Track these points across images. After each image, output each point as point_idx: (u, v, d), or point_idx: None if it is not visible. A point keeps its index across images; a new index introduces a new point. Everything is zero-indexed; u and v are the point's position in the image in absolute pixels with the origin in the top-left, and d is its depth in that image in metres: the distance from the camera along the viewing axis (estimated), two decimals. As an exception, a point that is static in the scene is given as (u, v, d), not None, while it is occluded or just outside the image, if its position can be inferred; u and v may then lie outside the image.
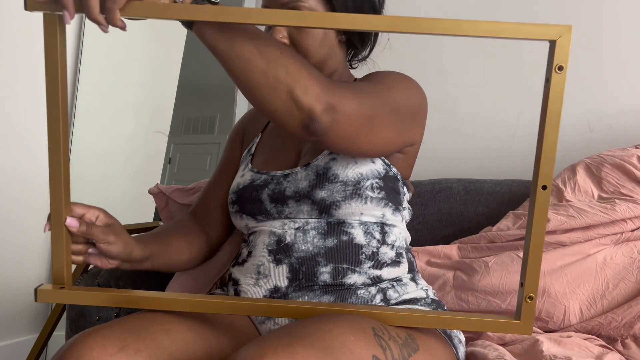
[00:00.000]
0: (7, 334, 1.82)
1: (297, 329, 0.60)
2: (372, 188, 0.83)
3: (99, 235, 0.73)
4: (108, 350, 0.63)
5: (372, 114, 0.72)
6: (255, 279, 0.84)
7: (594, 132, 1.49)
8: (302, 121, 0.67)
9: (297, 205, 0.84)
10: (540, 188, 0.63)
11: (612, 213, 1.08)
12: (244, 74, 0.66)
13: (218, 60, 0.67)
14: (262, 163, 0.94)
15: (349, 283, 0.81)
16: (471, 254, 1.20)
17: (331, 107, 0.66)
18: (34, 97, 1.78)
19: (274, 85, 0.65)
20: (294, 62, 0.66)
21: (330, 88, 0.67)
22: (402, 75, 0.86)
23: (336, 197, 0.82)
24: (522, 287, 0.66)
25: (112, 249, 0.75)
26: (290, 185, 0.86)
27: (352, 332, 0.61)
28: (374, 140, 0.75)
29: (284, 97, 0.65)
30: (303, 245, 0.82)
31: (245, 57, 0.65)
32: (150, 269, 0.86)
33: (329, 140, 0.70)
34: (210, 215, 1.00)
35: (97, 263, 0.76)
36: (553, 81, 0.60)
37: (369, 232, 0.84)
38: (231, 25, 0.65)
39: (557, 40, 0.59)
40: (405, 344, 0.66)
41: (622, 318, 1.01)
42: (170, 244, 0.90)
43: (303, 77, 0.66)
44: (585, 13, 1.52)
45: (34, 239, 1.86)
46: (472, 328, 0.70)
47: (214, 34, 0.65)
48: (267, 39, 0.67)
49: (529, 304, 0.66)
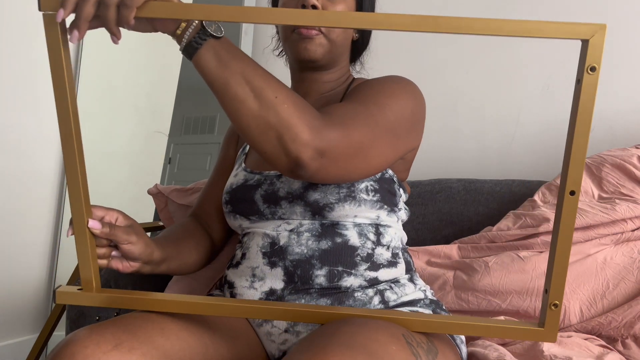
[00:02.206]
0: (7, 334, 1.82)
1: (346, 337, 0.59)
2: (366, 191, 0.82)
3: (122, 236, 0.72)
4: (102, 348, 0.63)
5: (363, 143, 0.72)
6: (251, 282, 0.84)
7: (594, 132, 1.49)
8: (289, 166, 0.68)
9: (290, 206, 0.84)
10: (568, 194, 0.60)
11: (613, 213, 1.08)
12: (236, 115, 0.66)
13: (214, 95, 0.68)
14: (255, 163, 0.94)
15: (345, 286, 0.80)
16: (471, 254, 1.19)
17: (319, 152, 0.67)
18: (32, 97, 1.78)
19: (264, 129, 0.66)
20: (287, 107, 0.66)
21: (320, 132, 0.67)
22: (399, 83, 0.84)
23: (330, 199, 0.81)
24: (546, 293, 0.65)
25: (134, 249, 0.74)
26: (283, 186, 0.85)
27: (393, 341, 0.61)
28: (367, 167, 0.76)
29: (274, 142, 0.66)
30: (297, 247, 0.82)
31: (239, 98, 0.65)
32: (166, 271, 0.85)
33: (319, 180, 0.72)
34: (209, 217, 1.00)
35: (118, 267, 0.75)
36: (585, 82, 0.56)
37: (363, 234, 0.83)
38: (231, 59, 0.65)
39: (590, 40, 0.55)
40: (429, 349, 0.66)
41: (622, 318, 1.01)
42: (181, 245, 0.89)
43: (293, 123, 0.65)
44: (585, 13, 1.52)
45: (34, 239, 1.86)
46: (496, 335, 0.69)
47: (211, 69, 0.65)
48: (264, 81, 0.67)
49: (553, 311, 0.64)
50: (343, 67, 0.95)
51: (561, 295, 0.63)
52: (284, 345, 0.82)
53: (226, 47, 0.66)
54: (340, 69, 0.94)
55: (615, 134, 1.46)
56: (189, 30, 0.65)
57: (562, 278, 0.63)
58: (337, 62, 0.93)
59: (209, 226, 1.00)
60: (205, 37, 0.65)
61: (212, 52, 0.65)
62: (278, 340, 0.82)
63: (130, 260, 0.76)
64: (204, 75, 0.66)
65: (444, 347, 0.72)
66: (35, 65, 1.76)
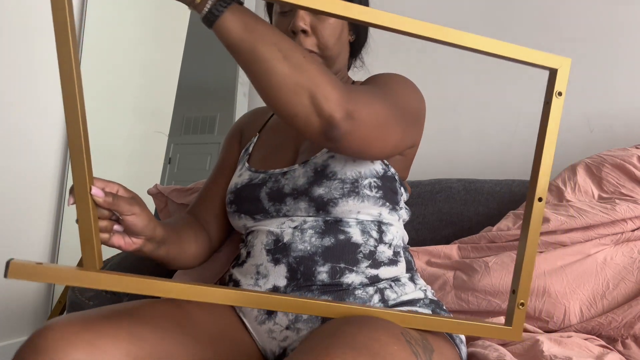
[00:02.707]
0: (7, 334, 1.82)
1: (348, 338, 0.59)
2: (370, 187, 0.83)
3: (125, 206, 0.70)
4: (72, 329, 0.64)
5: (385, 119, 0.72)
6: (255, 279, 0.84)
7: (594, 132, 1.49)
8: (322, 127, 0.66)
9: (294, 203, 0.84)
10: (536, 200, 0.67)
11: (613, 213, 1.08)
12: (266, 77, 0.64)
13: (238, 61, 0.66)
14: (259, 162, 0.94)
15: (346, 283, 0.81)
16: (471, 254, 1.20)
17: (350, 114, 0.66)
18: (31, 92, 1.78)
19: (295, 90, 0.64)
20: (316, 67, 0.66)
21: (349, 95, 0.67)
22: (403, 78, 0.87)
23: (334, 194, 0.82)
24: (514, 293, 0.68)
25: (138, 221, 0.72)
26: (288, 183, 0.86)
27: (393, 340, 0.61)
28: (385, 145, 0.75)
29: (305, 102, 0.65)
30: (301, 244, 0.82)
31: (268, 59, 0.64)
32: (165, 256, 0.82)
33: (346, 146, 0.70)
34: (208, 215, 0.99)
35: (120, 243, 0.72)
36: (553, 104, 0.66)
37: (366, 231, 0.84)
38: (256, 23, 0.64)
39: (558, 69, 0.65)
40: (425, 346, 0.66)
41: (622, 318, 1.01)
42: (181, 233, 0.88)
43: (324, 83, 0.65)
44: (585, 14, 1.52)
45: (34, 238, 1.86)
46: (466, 332, 0.72)
47: (238, 33, 0.64)
48: (290, 43, 0.66)
49: (520, 310, 0.68)
50: (343, 70, 0.97)
51: (527, 295, 0.68)
52: (284, 342, 0.83)
53: (250, 13, 0.65)
54: (340, 71, 0.96)
55: (616, 134, 1.46)
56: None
57: (528, 278, 0.68)
58: (337, 69, 0.94)
59: (208, 224, 0.99)
60: (229, 1, 0.64)
61: (237, 16, 0.64)
62: (279, 337, 0.83)
63: (132, 236, 0.73)
64: (229, 39, 0.64)
65: (440, 345, 0.72)
66: (36, 62, 1.76)
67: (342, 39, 0.91)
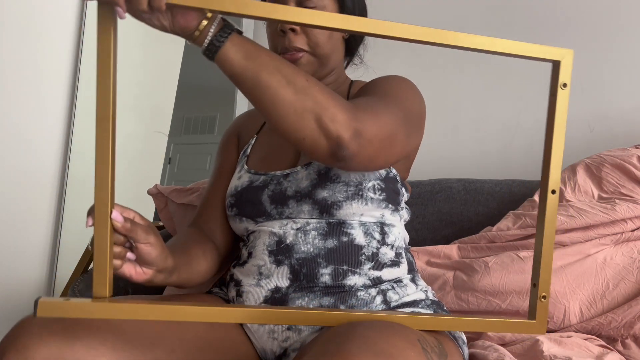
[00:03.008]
0: (7, 334, 1.81)
1: (370, 341, 0.58)
2: (373, 189, 0.83)
3: (141, 234, 0.67)
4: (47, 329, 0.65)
5: (391, 131, 0.73)
6: (257, 280, 0.84)
7: (594, 132, 1.49)
8: (330, 148, 0.67)
9: (297, 205, 0.84)
10: (550, 192, 0.67)
11: (612, 213, 1.08)
12: (272, 104, 0.65)
13: (242, 90, 0.66)
14: (258, 163, 0.93)
15: (349, 285, 0.80)
16: (471, 254, 1.20)
17: (358, 132, 0.67)
18: (34, 95, 1.78)
19: (302, 114, 0.65)
20: (320, 90, 0.67)
21: (354, 113, 0.68)
22: (404, 81, 0.86)
23: (338, 197, 0.82)
24: (535, 287, 0.69)
25: (152, 251, 0.68)
26: (291, 185, 0.85)
27: (410, 347, 0.60)
28: (391, 155, 0.75)
29: (312, 126, 0.66)
30: (303, 246, 0.82)
31: (272, 86, 0.65)
32: (176, 282, 0.79)
33: (355, 164, 0.70)
34: (213, 224, 0.96)
35: (131, 273, 0.69)
36: (559, 96, 0.66)
37: (369, 233, 0.84)
38: (257, 51, 0.65)
39: (561, 61, 0.65)
40: (440, 352, 0.66)
41: (622, 318, 1.01)
42: (190, 253, 0.85)
43: (330, 104, 0.66)
44: (585, 14, 1.52)
45: (34, 239, 1.86)
46: (488, 329, 0.72)
47: (240, 63, 0.64)
48: (292, 68, 0.67)
49: (543, 303, 0.68)
50: (338, 70, 0.96)
51: (548, 287, 0.69)
52: (285, 342, 0.82)
53: (250, 41, 0.66)
54: (336, 72, 0.96)
55: (616, 134, 1.46)
56: (212, 27, 0.64)
57: (548, 271, 0.68)
58: (332, 67, 0.93)
59: (213, 233, 0.96)
60: (229, 32, 0.64)
61: (238, 46, 0.64)
62: (280, 337, 0.82)
63: (144, 266, 0.70)
64: (232, 69, 0.65)
65: (451, 348, 0.73)
66: (37, 63, 1.76)
67: (334, 36, 0.90)
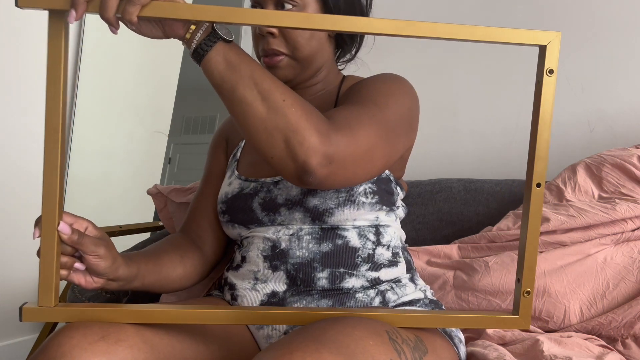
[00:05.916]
0: (7, 334, 1.82)
1: (317, 332, 0.59)
2: (365, 194, 0.82)
3: (89, 247, 0.67)
4: (88, 339, 0.63)
5: (369, 147, 0.71)
6: (253, 284, 0.83)
7: (594, 132, 1.49)
8: (296, 172, 0.65)
9: (289, 213, 0.83)
10: (534, 186, 0.64)
11: (613, 213, 1.08)
12: (244, 118, 0.65)
13: (221, 99, 0.66)
14: (248, 169, 0.92)
15: (347, 287, 0.80)
16: (471, 254, 1.20)
17: (328, 158, 0.65)
18: (33, 96, 1.77)
19: (271, 132, 0.64)
20: (295, 110, 0.65)
21: (327, 136, 0.65)
22: (394, 82, 0.83)
23: (329, 204, 0.80)
24: (519, 282, 0.67)
25: (100, 263, 0.69)
26: (281, 193, 0.84)
27: (370, 336, 0.60)
28: (372, 168, 0.74)
29: (281, 146, 0.64)
30: (298, 251, 0.81)
31: (246, 101, 0.64)
32: (141, 287, 0.80)
33: (327, 187, 0.70)
34: (202, 229, 0.96)
35: (80, 282, 0.70)
36: (544, 83, 0.63)
37: (363, 235, 0.83)
38: (240, 63, 0.65)
39: (547, 46, 0.62)
40: (416, 346, 0.66)
41: (622, 318, 1.01)
42: (161, 258, 0.85)
43: (302, 127, 0.64)
44: (585, 14, 1.52)
45: (33, 239, 1.86)
46: (472, 325, 0.71)
47: (220, 73, 0.65)
48: (272, 83, 0.66)
49: (526, 299, 0.67)
50: (327, 66, 0.92)
51: (532, 283, 0.67)
52: None
53: (235, 51, 0.66)
54: (325, 68, 0.91)
55: (615, 134, 1.46)
56: (199, 33, 0.65)
57: (532, 267, 0.66)
58: (317, 67, 0.89)
59: (201, 239, 0.95)
60: (215, 40, 0.65)
61: (221, 55, 0.65)
62: None
63: (94, 275, 0.71)
64: (212, 78, 0.66)
65: (437, 345, 0.72)
66: (34, 64, 1.76)
67: (316, 36, 0.86)
